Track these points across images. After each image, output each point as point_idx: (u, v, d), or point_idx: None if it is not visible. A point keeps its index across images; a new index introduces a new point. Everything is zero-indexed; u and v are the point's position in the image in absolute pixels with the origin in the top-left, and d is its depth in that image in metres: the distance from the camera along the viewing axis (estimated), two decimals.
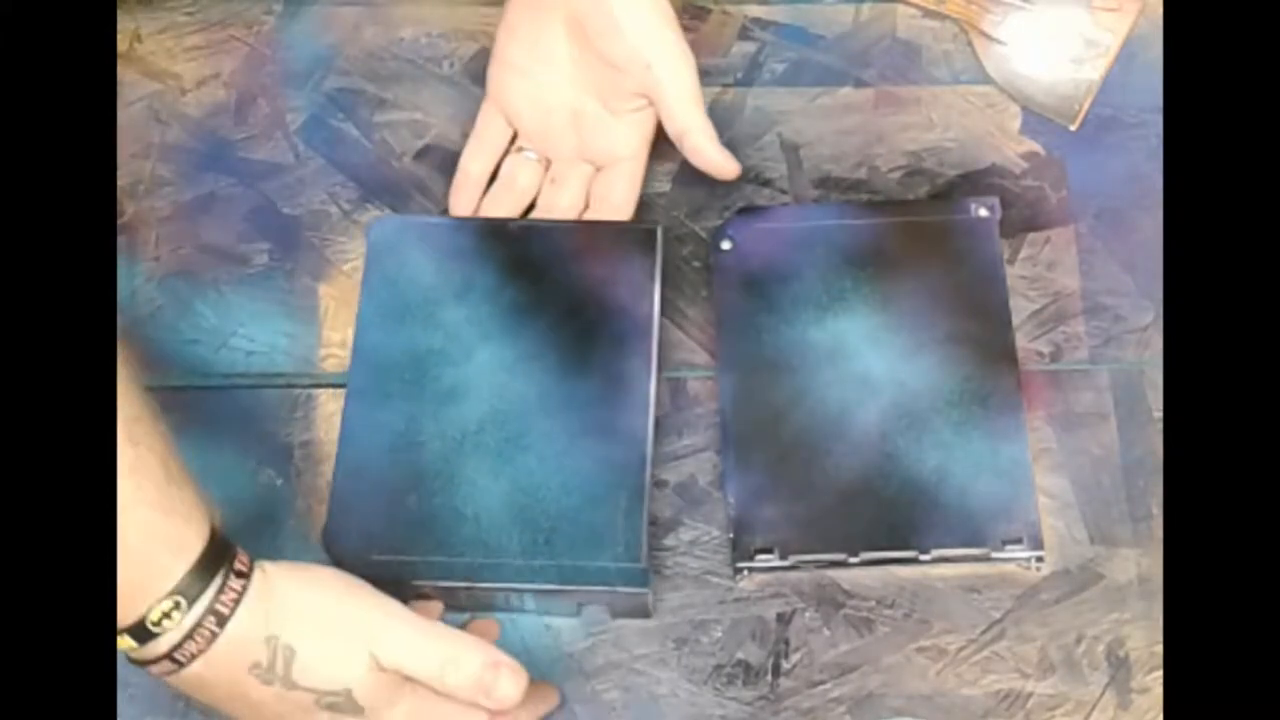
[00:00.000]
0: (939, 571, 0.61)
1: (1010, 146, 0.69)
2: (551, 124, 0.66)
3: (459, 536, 0.59)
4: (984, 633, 0.60)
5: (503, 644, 0.60)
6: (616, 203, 0.66)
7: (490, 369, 0.62)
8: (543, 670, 0.59)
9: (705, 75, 0.65)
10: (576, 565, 0.59)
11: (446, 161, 0.69)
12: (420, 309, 0.64)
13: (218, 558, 0.52)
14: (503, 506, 0.60)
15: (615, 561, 0.58)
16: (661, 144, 0.68)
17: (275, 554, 0.61)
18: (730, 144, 0.68)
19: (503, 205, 0.67)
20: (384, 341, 0.63)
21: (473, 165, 0.67)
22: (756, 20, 0.72)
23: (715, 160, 0.65)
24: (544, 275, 0.64)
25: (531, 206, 0.68)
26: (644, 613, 0.60)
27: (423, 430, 0.61)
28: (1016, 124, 0.69)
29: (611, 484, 0.60)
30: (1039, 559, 0.60)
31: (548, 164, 0.68)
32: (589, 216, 0.67)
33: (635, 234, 0.65)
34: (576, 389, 0.62)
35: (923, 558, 0.60)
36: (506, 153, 0.68)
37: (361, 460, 0.61)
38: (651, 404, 0.61)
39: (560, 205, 0.67)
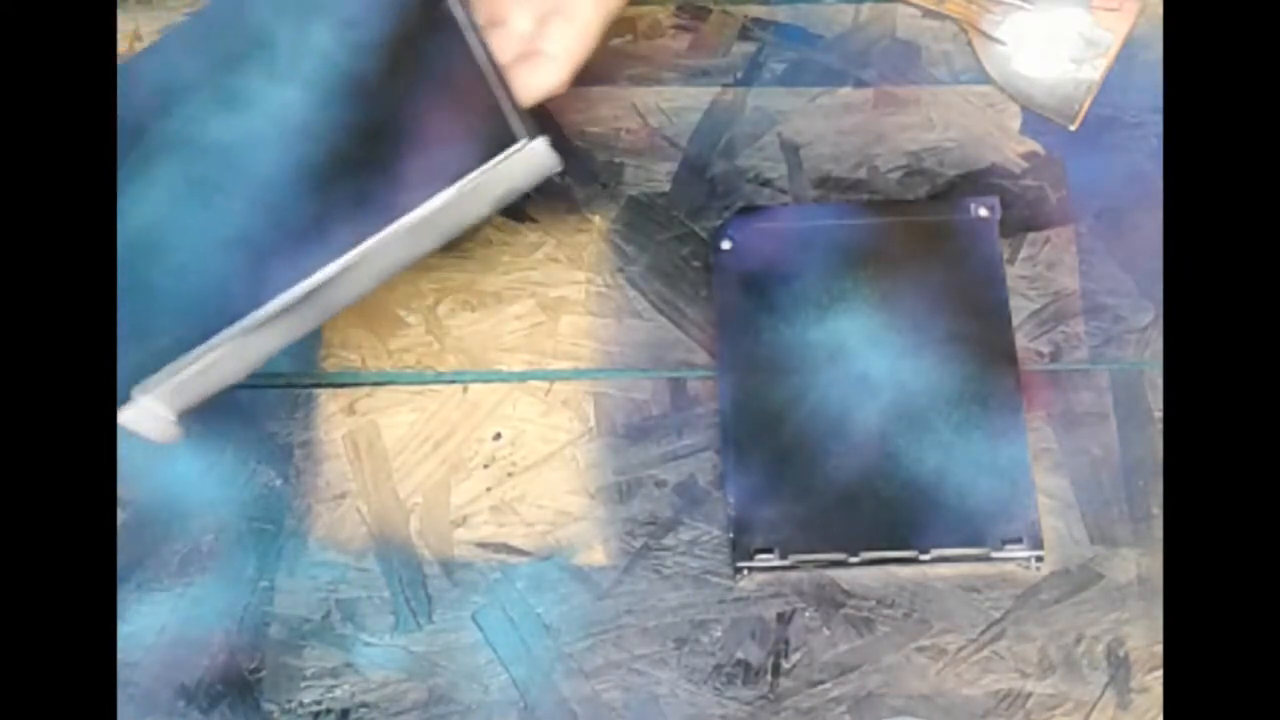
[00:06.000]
0: (939, 571, 0.61)
1: (1010, 146, 0.69)
2: None
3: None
4: (984, 632, 0.60)
5: (503, 643, 0.60)
6: (552, 52, 0.62)
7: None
8: (543, 669, 0.59)
9: (705, 75, 0.65)
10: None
11: None
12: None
13: None
14: None
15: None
16: (661, 143, 0.68)
17: (275, 554, 0.62)
18: (730, 144, 0.69)
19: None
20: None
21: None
22: (756, 20, 0.72)
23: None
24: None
25: None
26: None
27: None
28: (1016, 124, 0.69)
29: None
30: (1039, 559, 0.60)
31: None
32: (521, 70, 0.62)
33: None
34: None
35: (922, 557, 0.60)
36: None
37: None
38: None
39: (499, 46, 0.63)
